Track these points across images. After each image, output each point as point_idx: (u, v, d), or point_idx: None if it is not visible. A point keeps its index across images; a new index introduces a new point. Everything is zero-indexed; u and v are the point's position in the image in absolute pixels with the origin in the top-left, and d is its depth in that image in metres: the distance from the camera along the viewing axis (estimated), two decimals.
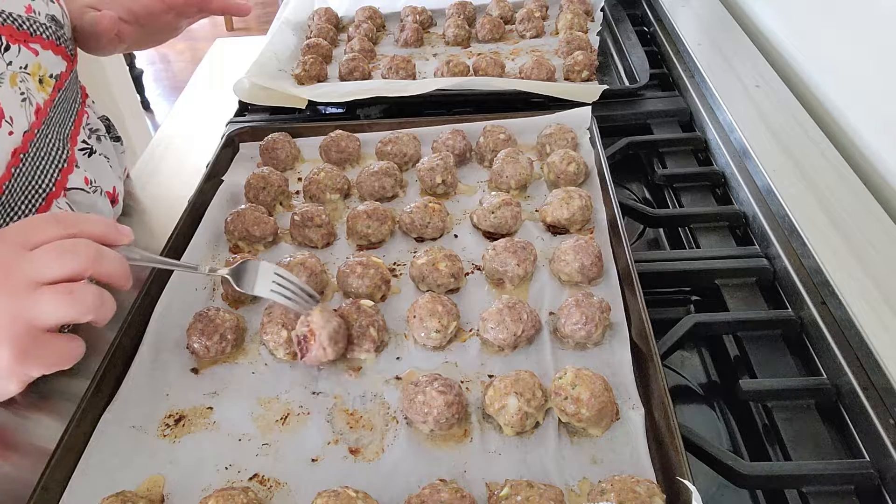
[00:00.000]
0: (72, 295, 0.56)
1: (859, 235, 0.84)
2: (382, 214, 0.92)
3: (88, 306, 0.57)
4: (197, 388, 0.75)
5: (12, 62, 0.77)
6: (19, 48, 0.78)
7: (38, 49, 0.81)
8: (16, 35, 0.77)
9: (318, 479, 0.65)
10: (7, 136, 0.76)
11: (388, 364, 0.77)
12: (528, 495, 0.58)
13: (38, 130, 0.81)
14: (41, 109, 0.82)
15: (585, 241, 0.83)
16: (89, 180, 0.93)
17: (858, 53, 1.05)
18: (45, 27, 0.82)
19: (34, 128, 0.80)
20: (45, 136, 0.83)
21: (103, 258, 0.59)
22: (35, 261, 0.56)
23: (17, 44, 0.78)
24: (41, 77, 0.82)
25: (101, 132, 1.05)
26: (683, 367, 0.84)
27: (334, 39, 1.48)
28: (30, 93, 0.80)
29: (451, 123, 1.10)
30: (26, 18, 0.79)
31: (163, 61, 4.60)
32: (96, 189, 0.95)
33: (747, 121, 1.05)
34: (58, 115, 0.87)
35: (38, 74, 0.81)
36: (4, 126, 0.75)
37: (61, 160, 0.86)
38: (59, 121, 0.87)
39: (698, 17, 1.41)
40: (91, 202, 0.94)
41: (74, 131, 0.93)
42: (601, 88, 1.14)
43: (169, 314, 0.82)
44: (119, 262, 0.61)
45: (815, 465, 0.66)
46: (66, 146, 0.88)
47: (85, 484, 0.65)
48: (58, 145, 0.86)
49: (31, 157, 0.80)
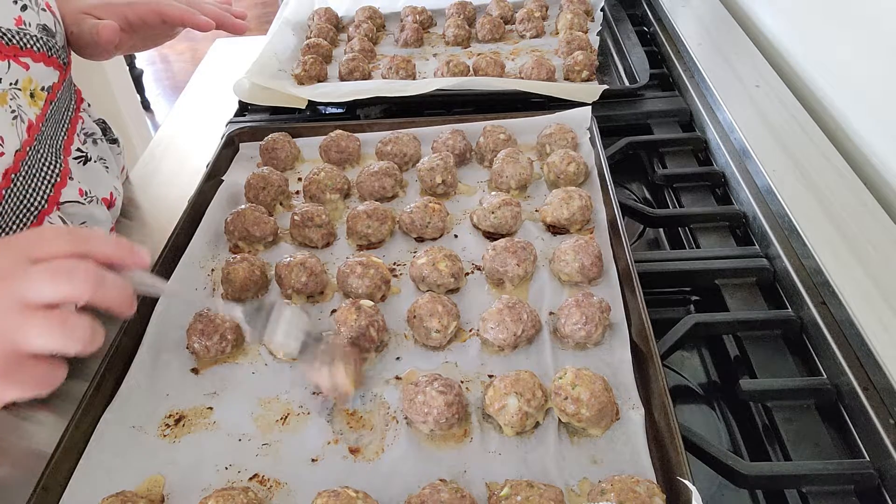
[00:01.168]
0: (64, 326, 0.53)
1: (859, 235, 0.84)
2: (382, 214, 0.92)
3: (78, 339, 0.53)
4: (197, 388, 0.75)
5: (2, 79, 0.75)
6: (9, 64, 0.76)
7: (29, 63, 0.79)
8: (5, 50, 0.75)
9: (318, 479, 0.65)
10: None
11: (388, 364, 0.77)
12: (528, 495, 0.58)
13: (31, 147, 0.79)
14: (33, 126, 0.80)
15: (585, 241, 0.83)
16: (84, 191, 0.91)
17: (858, 53, 1.05)
18: (36, 39, 0.80)
19: (26, 146, 0.78)
20: (37, 153, 0.81)
21: (104, 286, 0.55)
22: (31, 280, 0.53)
23: (7, 59, 0.76)
24: (32, 91, 0.80)
25: (97, 135, 1.04)
26: (683, 367, 0.84)
27: (334, 39, 1.49)
28: (21, 109, 0.78)
29: (451, 123, 1.10)
30: (16, 32, 0.77)
31: (163, 61, 4.60)
32: (91, 199, 0.93)
33: (747, 121, 1.05)
34: (50, 129, 0.85)
35: (29, 89, 0.79)
36: None
37: (54, 175, 0.84)
38: (51, 134, 0.85)
39: (698, 17, 1.41)
40: (87, 213, 0.92)
41: (68, 140, 0.91)
42: (601, 88, 1.14)
43: (169, 314, 0.81)
44: (121, 289, 0.57)
45: (815, 465, 0.66)
46: (59, 159, 0.87)
47: (85, 484, 0.65)
48: (50, 159, 0.84)
49: (23, 175, 0.79)
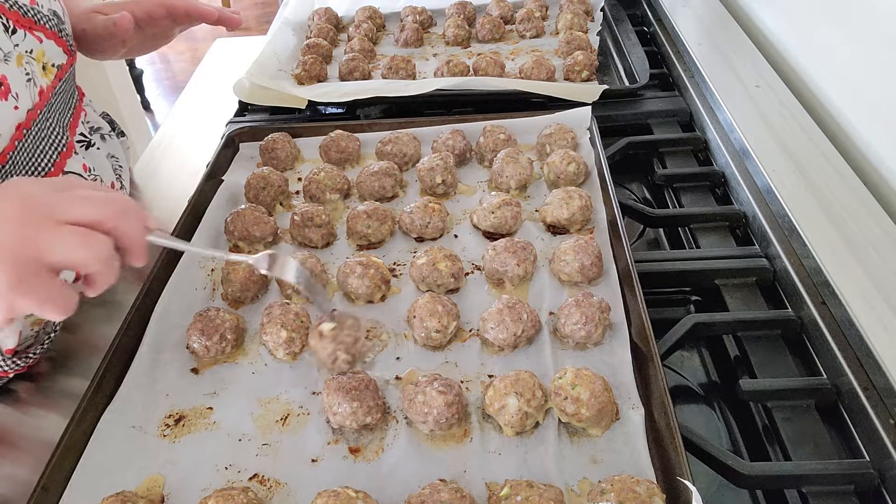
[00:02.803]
0: (87, 239, 0.55)
1: (859, 235, 0.84)
2: (382, 214, 0.92)
3: (99, 257, 0.55)
4: (197, 388, 0.75)
5: (19, 45, 0.79)
6: (25, 33, 0.80)
7: (42, 37, 0.83)
8: (22, 21, 0.79)
9: (318, 479, 0.65)
10: (13, 110, 0.78)
11: (388, 364, 0.77)
12: (528, 495, 0.58)
13: (41, 112, 0.83)
14: (44, 92, 0.84)
15: (585, 241, 0.83)
16: (88, 167, 0.94)
17: (858, 53, 1.05)
18: (48, 18, 0.84)
19: (37, 107, 0.82)
20: (46, 119, 0.85)
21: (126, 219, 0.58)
22: (64, 202, 0.56)
23: (23, 29, 0.80)
24: (44, 64, 0.84)
25: (104, 130, 1.06)
26: (683, 367, 0.84)
27: (334, 39, 1.49)
28: (34, 75, 0.82)
29: (451, 123, 1.10)
30: (30, 8, 0.81)
31: (163, 61, 4.60)
32: (95, 178, 0.96)
33: (747, 121, 1.05)
34: (58, 103, 0.89)
35: (41, 61, 0.83)
36: (10, 100, 0.77)
37: (61, 144, 0.88)
38: (59, 109, 0.89)
39: (698, 17, 1.41)
40: None
41: (73, 122, 0.95)
42: (601, 88, 1.14)
43: (169, 314, 0.82)
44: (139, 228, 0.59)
45: (815, 465, 0.66)
46: (66, 133, 0.90)
47: (85, 484, 0.65)
48: (58, 130, 0.88)
49: (34, 135, 0.82)
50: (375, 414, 0.68)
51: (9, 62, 0.77)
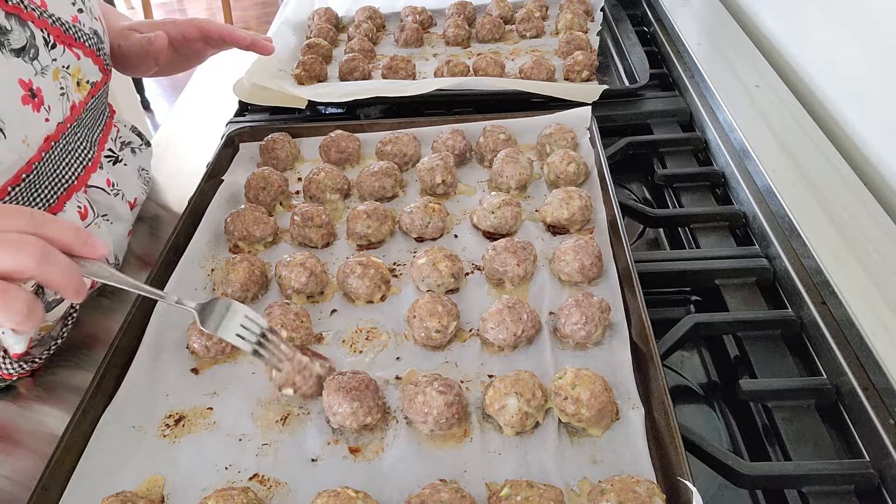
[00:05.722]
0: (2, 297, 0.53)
1: (859, 235, 0.84)
2: (382, 214, 0.92)
3: (13, 314, 0.53)
4: (197, 388, 0.75)
5: (57, 59, 0.80)
6: (64, 49, 0.81)
7: (80, 54, 0.84)
8: (62, 37, 0.81)
9: (318, 479, 0.65)
10: (44, 122, 0.79)
11: (388, 364, 0.77)
12: (528, 495, 0.58)
13: (71, 126, 0.84)
14: (76, 107, 0.85)
15: (585, 241, 0.83)
16: (111, 182, 0.95)
17: (858, 53, 1.05)
18: (88, 36, 0.86)
19: (68, 121, 0.83)
20: (75, 133, 0.86)
21: (49, 264, 0.55)
22: None
23: (63, 45, 0.81)
24: (79, 80, 0.85)
25: (135, 144, 1.09)
26: (683, 367, 0.84)
27: (334, 39, 1.49)
28: (68, 90, 0.83)
29: (451, 123, 1.10)
30: (72, 25, 0.83)
31: None
32: (118, 193, 0.97)
33: (747, 121, 1.05)
34: (89, 119, 0.90)
35: (77, 77, 0.85)
36: (42, 112, 0.78)
37: (87, 158, 0.89)
38: (89, 124, 0.90)
39: (698, 17, 1.41)
40: (110, 204, 0.95)
41: (102, 139, 0.96)
42: (601, 88, 1.14)
43: (169, 314, 0.81)
44: (68, 271, 0.56)
45: (815, 465, 0.66)
46: (94, 148, 0.92)
47: (85, 484, 0.65)
48: (86, 145, 0.89)
49: (61, 147, 0.83)
50: (375, 414, 0.68)
51: (45, 75, 0.78)
